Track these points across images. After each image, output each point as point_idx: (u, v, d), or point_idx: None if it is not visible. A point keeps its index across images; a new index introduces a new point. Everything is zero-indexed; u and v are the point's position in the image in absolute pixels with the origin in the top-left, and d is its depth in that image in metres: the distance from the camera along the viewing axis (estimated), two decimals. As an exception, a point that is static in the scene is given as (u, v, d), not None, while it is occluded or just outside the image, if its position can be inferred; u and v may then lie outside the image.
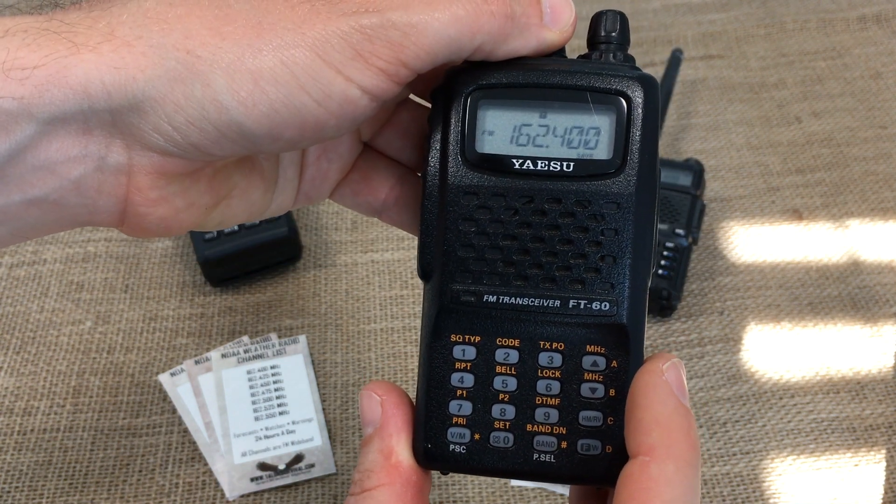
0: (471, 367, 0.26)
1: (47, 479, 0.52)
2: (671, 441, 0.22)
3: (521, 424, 0.26)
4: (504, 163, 0.25)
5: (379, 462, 0.25)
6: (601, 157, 0.25)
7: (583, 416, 0.25)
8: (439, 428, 0.26)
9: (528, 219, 0.25)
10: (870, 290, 0.62)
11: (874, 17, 0.85)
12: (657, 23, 0.85)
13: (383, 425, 0.26)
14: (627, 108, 0.25)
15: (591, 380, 0.25)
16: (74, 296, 0.62)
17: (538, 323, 0.25)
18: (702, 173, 0.64)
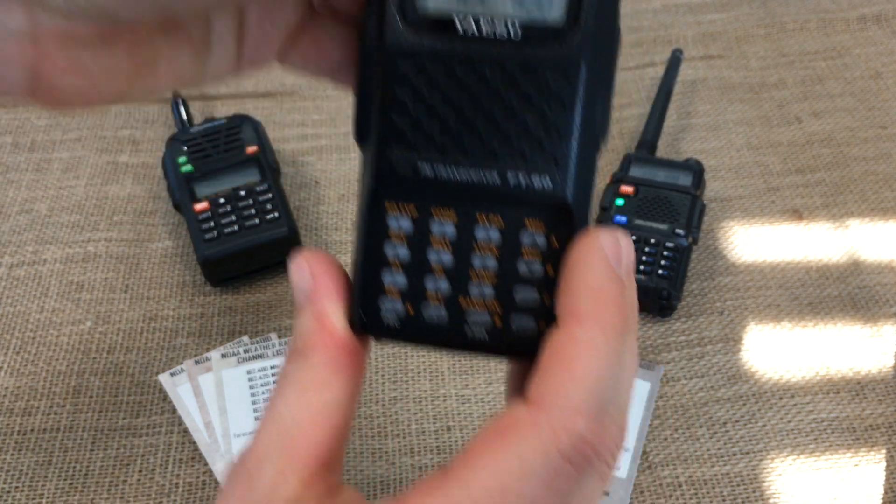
0: (406, 240, 0.24)
1: (47, 479, 0.52)
2: (600, 308, 0.21)
3: (455, 300, 0.24)
4: (447, 25, 0.23)
5: (312, 327, 0.24)
6: (553, 17, 0.23)
7: (519, 293, 0.24)
8: (373, 298, 0.25)
9: (471, 86, 0.23)
10: (870, 290, 0.62)
11: (874, 17, 0.85)
12: (657, 23, 0.85)
13: (314, 290, 0.24)
14: None
15: (529, 258, 0.24)
16: (74, 296, 0.62)
17: (476, 197, 0.24)
18: (702, 173, 0.64)
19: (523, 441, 0.20)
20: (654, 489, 0.52)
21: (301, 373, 0.23)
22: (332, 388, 0.23)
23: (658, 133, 0.69)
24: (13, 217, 0.68)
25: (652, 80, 0.79)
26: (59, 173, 0.72)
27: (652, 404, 0.55)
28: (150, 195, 0.70)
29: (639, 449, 0.53)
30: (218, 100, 0.78)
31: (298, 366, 0.24)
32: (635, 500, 0.51)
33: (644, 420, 0.54)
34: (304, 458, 0.23)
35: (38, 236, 0.66)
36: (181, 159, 0.64)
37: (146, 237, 0.66)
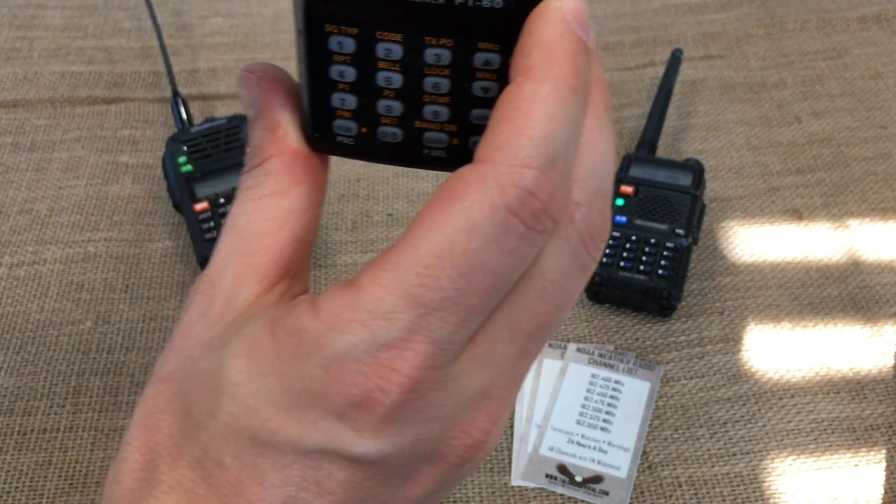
0: (350, 61, 0.23)
1: (47, 480, 0.52)
2: (551, 62, 0.20)
3: (409, 121, 0.23)
4: None
5: (266, 136, 0.24)
6: None
7: (474, 114, 0.23)
8: (325, 119, 0.24)
9: None
10: (870, 290, 0.62)
11: (874, 17, 0.85)
12: (657, 23, 0.86)
13: (265, 102, 0.24)
14: None
15: (483, 78, 0.22)
16: (74, 296, 0.62)
17: (422, 17, 0.21)
18: (702, 173, 0.64)
19: (469, 198, 0.19)
20: (654, 489, 0.52)
21: (256, 182, 0.23)
22: (289, 196, 0.23)
23: (658, 133, 0.69)
24: (13, 217, 0.68)
25: (652, 80, 0.79)
26: (59, 173, 0.72)
27: (652, 404, 0.55)
28: (150, 195, 0.70)
29: (639, 449, 0.53)
30: (218, 100, 0.78)
31: (254, 176, 0.23)
32: (635, 501, 0.51)
33: (644, 420, 0.55)
34: (263, 263, 0.22)
35: (38, 236, 0.66)
36: (181, 159, 0.64)
37: (146, 237, 0.66)
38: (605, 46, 0.83)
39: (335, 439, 0.19)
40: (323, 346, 0.19)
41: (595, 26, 0.86)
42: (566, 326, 0.60)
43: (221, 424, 0.20)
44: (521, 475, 0.52)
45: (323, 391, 0.19)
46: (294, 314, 0.20)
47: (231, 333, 0.21)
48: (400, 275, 0.19)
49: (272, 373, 0.20)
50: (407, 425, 0.20)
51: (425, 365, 0.19)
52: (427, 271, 0.19)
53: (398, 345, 0.19)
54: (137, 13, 0.87)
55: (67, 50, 0.82)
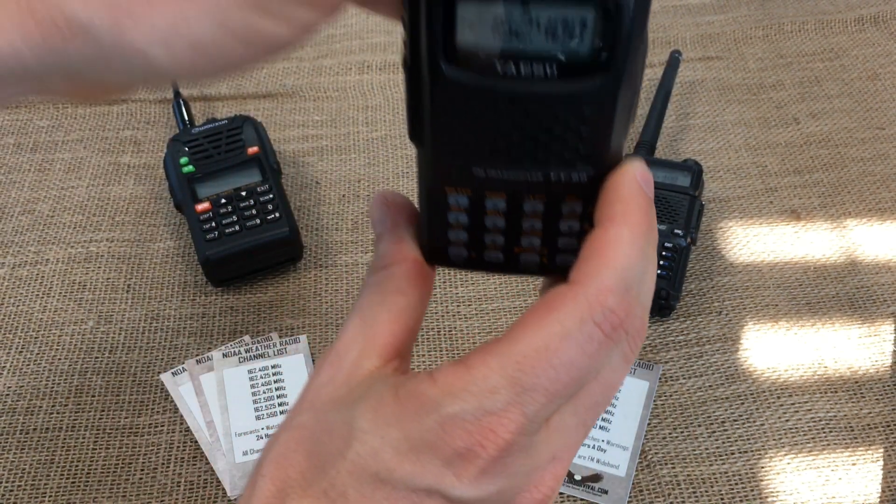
0: (465, 210, 0.28)
1: (50, 478, 0.53)
2: (628, 212, 0.26)
3: (509, 248, 0.29)
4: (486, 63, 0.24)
5: (392, 249, 0.29)
6: (585, 55, 0.24)
7: (561, 242, 0.28)
8: (442, 247, 0.29)
9: (513, 117, 0.25)
10: (867, 289, 0.62)
11: (872, 18, 0.85)
12: (656, 24, 0.86)
13: (394, 221, 0.29)
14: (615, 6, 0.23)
15: (568, 220, 0.28)
16: (77, 296, 0.63)
17: (523, 185, 0.27)
18: (700, 174, 0.65)
19: (564, 310, 0.24)
20: (653, 487, 0.52)
21: (382, 281, 0.28)
22: (407, 295, 0.28)
23: (657, 134, 0.69)
24: (16, 217, 0.68)
25: (651, 82, 0.79)
26: (61, 174, 0.72)
27: (650, 403, 0.56)
28: (152, 196, 0.70)
29: (637, 447, 0.53)
30: (219, 100, 0.78)
31: (380, 276, 0.29)
32: (634, 499, 0.51)
33: (643, 419, 0.55)
34: (383, 345, 0.27)
35: (41, 236, 0.67)
36: (183, 160, 0.64)
37: (148, 237, 0.67)
38: (605, 48, 0.84)
39: (441, 482, 0.24)
40: (440, 406, 0.24)
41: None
42: (565, 326, 0.60)
43: (349, 462, 0.25)
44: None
45: (436, 442, 0.24)
46: (415, 381, 0.26)
47: (359, 393, 0.26)
48: (505, 361, 0.24)
49: (395, 424, 0.25)
50: (496, 477, 0.24)
51: (518, 431, 0.24)
52: (527, 361, 0.24)
53: (499, 413, 0.24)
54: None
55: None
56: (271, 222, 0.61)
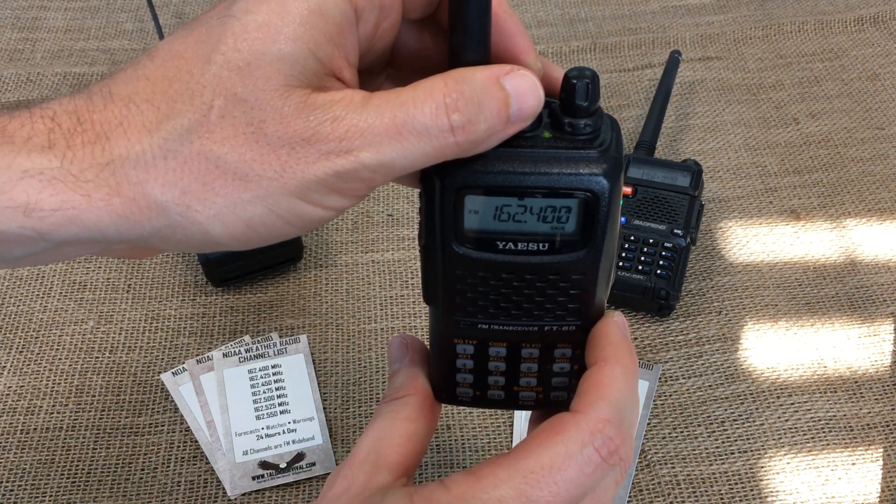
0: (470, 357, 0.33)
1: (50, 478, 0.53)
2: (619, 355, 0.30)
3: (509, 387, 0.34)
4: (489, 241, 0.30)
5: (407, 382, 0.34)
6: (570, 232, 0.30)
7: (554, 381, 0.33)
8: (450, 387, 0.34)
9: (512, 284, 0.31)
10: (867, 289, 0.62)
11: (871, 18, 0.85)
12: (656, 24, 0.86)
13: (411, 359, 0.34)
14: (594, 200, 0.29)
15: (560, 362, 0.33)
16: (77, 295, 0.63)
17: (522, 335, 0.32)
18: (700, 174, 0.65)
19: (568, 434, 0.28)
20: (653, 487, 0.52)
21: (396, 409, 0.33)
22: (416, 423, 0.32)
23: (656, 134, 0.70)
24: (16, 217, 0.68)
25: (650, 82, 0.79)
26: (61, 174, 0.72)
27: (650, 403, 0.56)
28: (152, 196, 0.70)
29: (637, 447, 0.53)
30: (219, 101, 0.78)
31: (394, 405, 0.33)
32: (634, 499, 0.52)
33: (643, 419, 0.55)
34: (394, 463, 0.31)
35: (41, 237, 0.67)
36: (183, 160, 0.64)
37: (148, 237, 0.67)
38: (605, 48, 0.84)
39: None
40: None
41: (594, 28, 0.86)
42: (565, 326, 0.61)
43: None
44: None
45: None
46: (428, 489, 0.29)
47: (376, 501, 0.29)
48: (513, 473, 0.28)
49: None
50: None
51: None
52: (533, 476, 0.28)
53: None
54: (139, 15, 0.87)
55: (70, 51, 0.83)
56: (271, 222, 0.61)
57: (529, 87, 0.27)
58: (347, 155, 0.26)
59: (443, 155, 0.27)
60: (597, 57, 0.83)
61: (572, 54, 0.83)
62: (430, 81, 0.27)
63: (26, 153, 0.25)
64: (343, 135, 0.26)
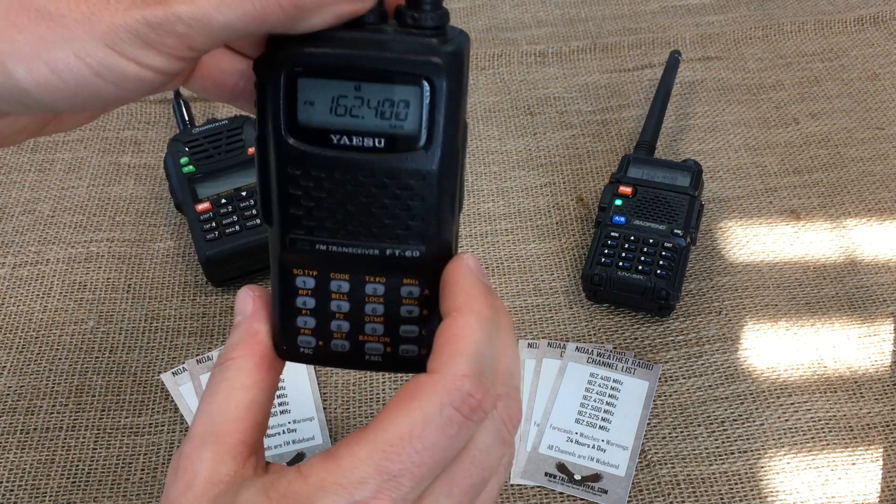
0: (311, 293, 0.31)
1: (50, 478, 0.53)
2: (471, 301, 0.28)
3: (354, 335, 0.31)
4: (324, 137, 0.28)
5: (244, 339, 0.31)
6: (410, 131, 0.28)
7: (402, 329, 0.31)
8: (291, 336, 0.31)
9: (349, 188, 0.29)
10: (867, 289, 0.62)
11: (871, 18, 0.85)
12: (655, 25, 0.86)
13: (254, 314, 0.31)
14: (431, 89, 0.28)
15: (408, 304, 0.31)
16: (77, 296, 0.63)
17: (363, 264, 0.30)
18: (700, 174, 0.65)
19: (424, 398, 0.27)
20: (653, 487, 0.52)
21: (228, 377, 0.30)
22: (254, 390, 0.30)
23: (656, 134, 0.70)
24: (16, 217, 0.68)
25: (650, 82, 0.79)
26: (61, 174, 0.72)
27: (650, 403, 0.56)
28: (152, 196, 0.70)
29: (637, 447, 0.54)
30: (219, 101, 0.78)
31: (226, 368, 0.30)
32: (634, 499, 0.52)
33: (642, 419, 0.55)
34: (236, 444, 0.28)
35: (41, 236, 0.67)
36: (183, 160, 0.64)
37: (148, 237, 0.67)
38: (605, 48, 0.84)
39: None
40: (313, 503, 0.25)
41: (594, 28, 0.86)
42: (565, 326, 0.61)
43: None
44: (521, 474, 0.52)
45: None
46: (285, 480, 0.27)
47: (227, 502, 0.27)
48: (371, 449, 0.26)
49: None
50: None
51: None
52: (392, 448, 0.26)
53: (369, 502, 0.26)
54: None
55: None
56: (271, 222, 0.61)
57: None
58: (161, 5, 0.25)
59: (265, 16, 0.25)
60: (597, 57, 0.83)
61: (572, 54, 0.83)
62: None
63: None
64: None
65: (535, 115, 0.77)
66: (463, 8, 0.90)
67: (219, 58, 0.31)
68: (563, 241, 0.66)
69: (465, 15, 0.89)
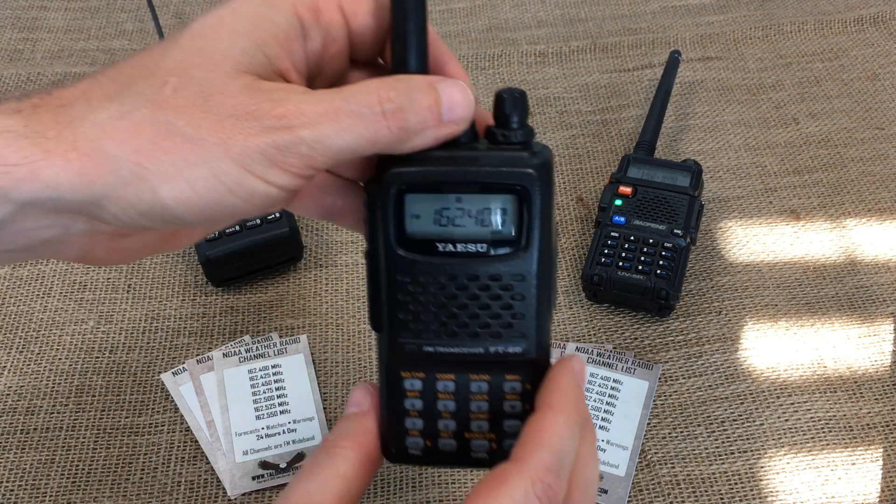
0: (419, 394, 0.33)
1: (50, 478, 0.53)
2: (564, 403, 0.31)
3: (461, 433, 0.33)
4: (430, 244, 0.31)
5: (356, 433, 0.33)
6: (507, 236, 0.31)
7: (506, 424, 0.33)
8: (400, 437, 0.33)
9: (454, 291, 0.31)
10: (867, 289, 0.62)
11: (871, 18, 0.85)
12: (656, 25, 0.86)
13: (370, 411, 0.33)
14: (527, 196, 0.31)
15: (511, 399, 0.33)
16: (77, 296, 0.63)
17: (468, 362, 0.32)
18: (700, 174, 0.65)
19: (511, 485, 0.29)
20: (653, 487, 0.52)
21: (336, 462, 0.32)
22: (353, 482, 0.32)
23: (656, 134, 0.70)
24: (16, 218, 0.68)
25: (650, 82, 0.79)
26: (61, 174, 0.72)
27: (650, 403, 0.56)
28: (152, 196, 0.70)
29: (637, 447, 0.54)
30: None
31: (335, 455, 0.32)
32: (634, 499, 0.52)
33: (642, 419, 0.55)
34: None
35: (41, 237, 0.67)
36: (183, 160, 0.64)
37: (148, 237, 0.67)
38: (605, 48, 0.84)
39: None
40: None
41: (594, 28, 0.86)
42: (565, 326, 0.61)
43: None
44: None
45: None
46: None
47: None
48: None
49: None
50: None
51: None
52: None
53: None
54: (139, 15, 0.87)
55: (70, 51, 0.83)
56: (271, 222, 0.61)
57: (460, 91, 0.30)
58: (287, 130, 0.28)
59: (377, 138, 0.29)
60: (597, 57, 0.83)
61: (572, 54, 0.83)
62: (368, 80, 0.29)
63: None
64: (284, 113, 0.28)
65: (535, 115, 0.77)
66: (463, 8, 0.90)
67: (320, 180, 0.35)
68: (564, 241, 0.66)
69: (465, 15, 0.89)
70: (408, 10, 0.31)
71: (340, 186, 0.36)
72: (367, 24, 0.32)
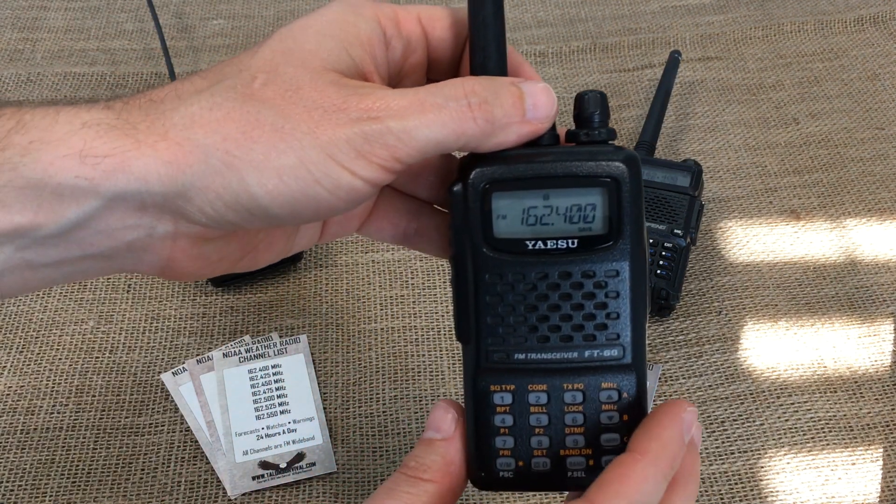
0: (509, 410, 0.31)
1: (50, 478, 0.53)
2: (662, 454, 0.29)
3: (555, 450, 0.31)
4: (519, 244, 0.30)
5: (439, 464, 0.31)
6: (598, 231, 0.30)
7: (604, 438, 0.31)
8: (489, 460, 0.31)
9: (545, 291, 0.30)
10: (867, 289, 0.62)
11: (871, 18, 0.85)
12: (655, 25, 0.86)
13: (453, 438, 0.32)
14: (617, 188, 0.30)
15: (608, 410, 0.31)
16: (77, 296, 0.63)
17: (561, 370, 0.31)
18: (700, 174, 0.65)
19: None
20: (653, 487, 0.52)
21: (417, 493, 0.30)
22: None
23: (656, 134, 0.70)
24: (16, 218, 0.68)
25: (650, 82, 0.79)
26: (61, 174, 0.72)
27: (651, 403, 0.56)
28: (152, 196, 0.70)
29: (637, 447, 0.54)
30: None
31: (416, 485, 0.31)
32: (634, 498, 0.52)
33: (642, 419, 0.55)
34: None
35: (41, 237, 0.67)
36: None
37: (148, 237, 0.67)
38: (605, 48, 0.84)
39: None
40: None
41: (594, 28, 0.86)
42: (565, 326, 0.61)
43: None
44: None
45: None
46: None
47: None
48: None
49: None
50: None
51: None
52: None
53: None
54: (140, 15, 0.87)
55: (70, 51, 0.83)
56: (271, 222, 0.61)
57: (542, 90, 0.30)
58: (374, 121, 0.28)
59: (462, 130, 0.29)
60: (597, 57, 0.83)
61: (572, 54, 0.83)
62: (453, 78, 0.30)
63: (87, 110, 0.28)
64: (371, 105, 0.28)
65: (535, 115, 0.77)
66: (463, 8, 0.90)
67: (396, 203, 0.36)
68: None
69: (465, 15, 0.89)
70: (487, 16, 0.31)
71: (415, 208, 0.36)
72: (444, 38, 0.33)
